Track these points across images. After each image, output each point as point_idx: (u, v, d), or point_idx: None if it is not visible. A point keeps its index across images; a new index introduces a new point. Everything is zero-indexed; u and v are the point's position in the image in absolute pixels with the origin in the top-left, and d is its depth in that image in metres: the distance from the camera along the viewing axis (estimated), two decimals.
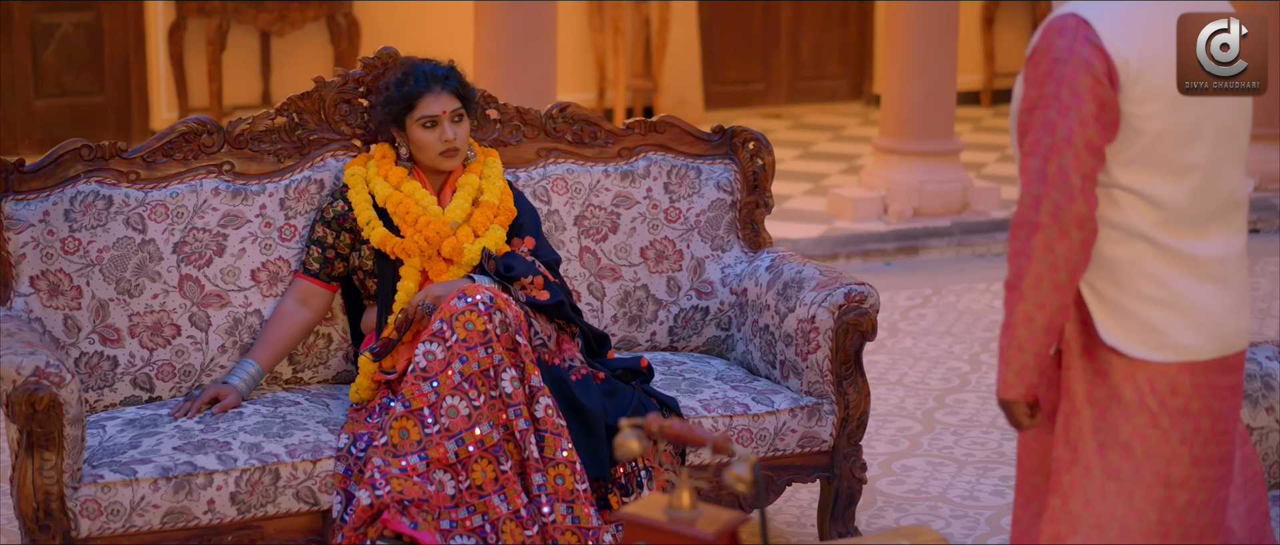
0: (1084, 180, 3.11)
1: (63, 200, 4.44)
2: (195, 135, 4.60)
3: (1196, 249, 3.23)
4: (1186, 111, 3.22)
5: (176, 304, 4.54)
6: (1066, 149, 3.12)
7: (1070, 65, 3.13)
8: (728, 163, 5.05)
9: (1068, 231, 3.12)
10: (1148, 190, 3.19)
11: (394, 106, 4.51)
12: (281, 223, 4.64)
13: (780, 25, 11.87)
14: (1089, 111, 3.11)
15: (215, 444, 4.21)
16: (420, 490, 4.05)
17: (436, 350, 4.15)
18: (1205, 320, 3.22)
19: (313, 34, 10.33)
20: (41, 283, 4.41)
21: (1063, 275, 3.15)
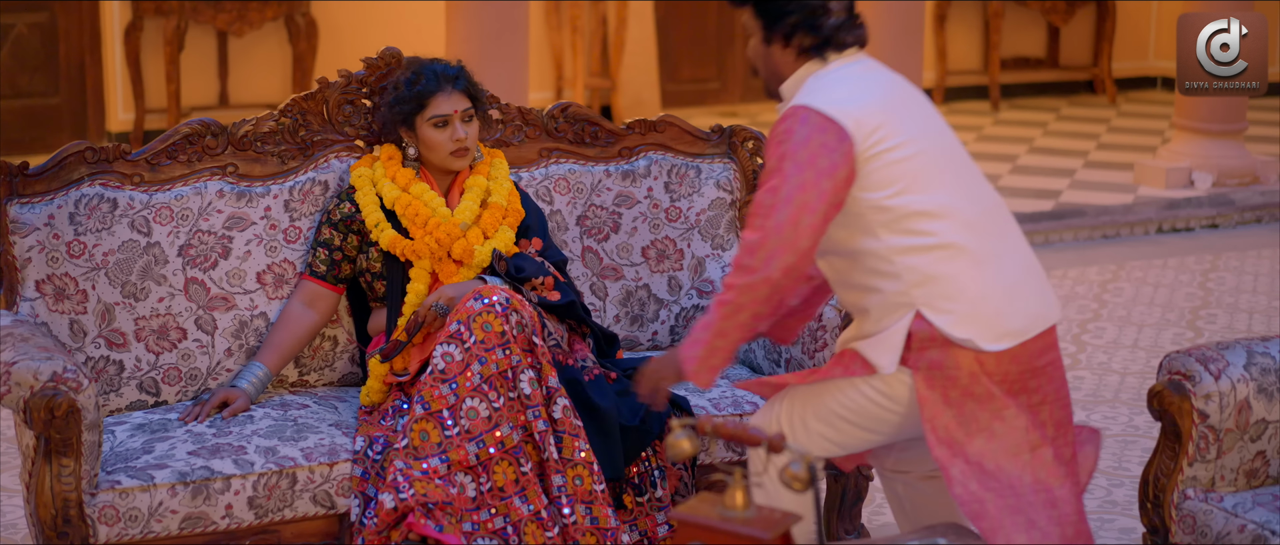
0: (806, 239, 3.63)
1: (67, 203, 4.39)
2: (199, 137, 4.56)
3: (996, 246, 3.73)
4: (927, 132, 3.72)
5: (182, 307, 4.50)
6: (786, 209, 3.62)
7: (803, 143, 3.61)
8: (727, 162, 5.05)
9: (771, 278, 3.66)
10: (934, 207, 3.66)
11: (404, 106, 4.48)
12: (286, 224, 4.60)
13: (735, 24, 11.87)
14: (815, 178, 3.60)
15: (230, 448, 4.18)
16: (443, 493, 4.03)
17: (454, 352, 4.13)
18: (1021, 306, 3.70)
19: (270, 34, 10.26)
20: (47, 287, 4.36)
21: (764, 308, 3.73)
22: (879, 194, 3.66)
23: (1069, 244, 8.89)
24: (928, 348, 3.68)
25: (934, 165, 3.72)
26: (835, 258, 3.82)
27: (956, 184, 3.75)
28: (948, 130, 3.84)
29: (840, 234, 3.74)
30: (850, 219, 3.71)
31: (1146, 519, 4.14)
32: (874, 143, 3.65)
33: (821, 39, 3.78)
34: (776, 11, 3.79)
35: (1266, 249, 8.81)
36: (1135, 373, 6.62)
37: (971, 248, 3.69)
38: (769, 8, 3.81)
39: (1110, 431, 5.93)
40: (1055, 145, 10.97)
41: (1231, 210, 9.38)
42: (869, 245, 3.70)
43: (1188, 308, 7.61)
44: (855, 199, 3.68)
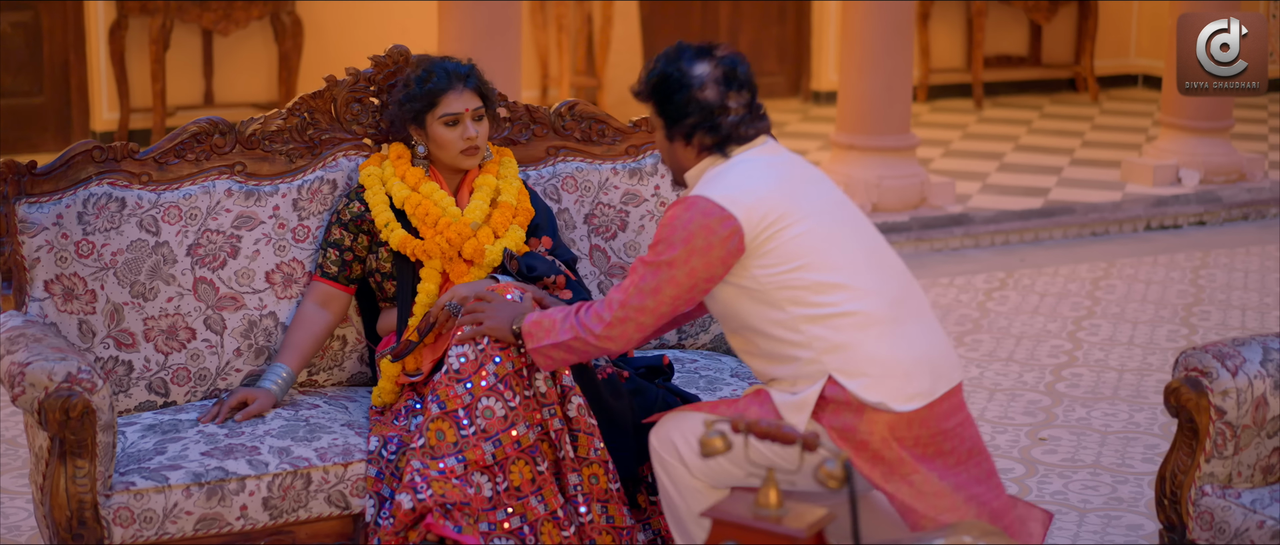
0: (665, 314, 3.87)
1: (76, 203, 4.36)
2: (206, 135, 4.53)
3: (899, 311, 3.84)
4: (826, 208, 3.87)
5: (191, 307, 4.47)
6: (650, 297, 3.84)
7: (684, 226, 3.78)
8: None
9: (609, 345, 3.91)
10: (837, 278, 3.80)
11: (415, 103, 4.46)
12: (294, 224, 4.58)
13: (719, 22, 11.90)
14: (686, 257, 3.79)
15: (243, 449, 4.15)
16: (460, 493, 4.01)
17: (468, 352, 4.10)
18: (927, 367, 3.82)
19: (255, 33, 10.21)
20: (56, 287, 4.33)
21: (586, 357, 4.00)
22: (780, 269, 3.81)
23: (1059, 241, 8.91)
24: (841, 412, 3.79)
25: (833, 239, 3.87)
26: (747, 333, 3.92)
27: (858, 254, 3.89)
28: (848, 204, 4.00)
29: (749, 309, 3.87)
30: (756, 296, 3.84)
31: (1163, 516, 4.14)
32: (769, 225, 3.80)
33: (721, 138, 3.93)
34: (676, 113, 3.94)
35: (1255, 246, 8.84)
36: (1133, 370, 6.63)
37: (877, 314, 3.83)
38: (669, 109, 3.95)
39: (1111, 428, 5.94)
40: (1041, 143, 11.00)
41: (1219, 208, 9.41)
42: (777, 317, 3.83)
43: (1181, 304, 7.63)
44: (757, 278, 3.83)
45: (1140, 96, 12.89)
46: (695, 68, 3.94)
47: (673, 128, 3.96)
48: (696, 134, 3.94)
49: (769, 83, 12.09)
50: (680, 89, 3.93)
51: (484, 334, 4.09)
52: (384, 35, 10.46)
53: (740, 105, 3.94)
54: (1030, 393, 6.32)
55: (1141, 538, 5.00)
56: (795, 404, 3.83)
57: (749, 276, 3.84)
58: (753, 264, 3.83)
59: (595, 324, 3.90)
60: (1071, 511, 5.19)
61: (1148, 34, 13.05)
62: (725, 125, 3.92)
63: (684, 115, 3.94)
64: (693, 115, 3.92)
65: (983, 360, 6.73)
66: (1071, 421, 6.02)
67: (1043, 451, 5.70)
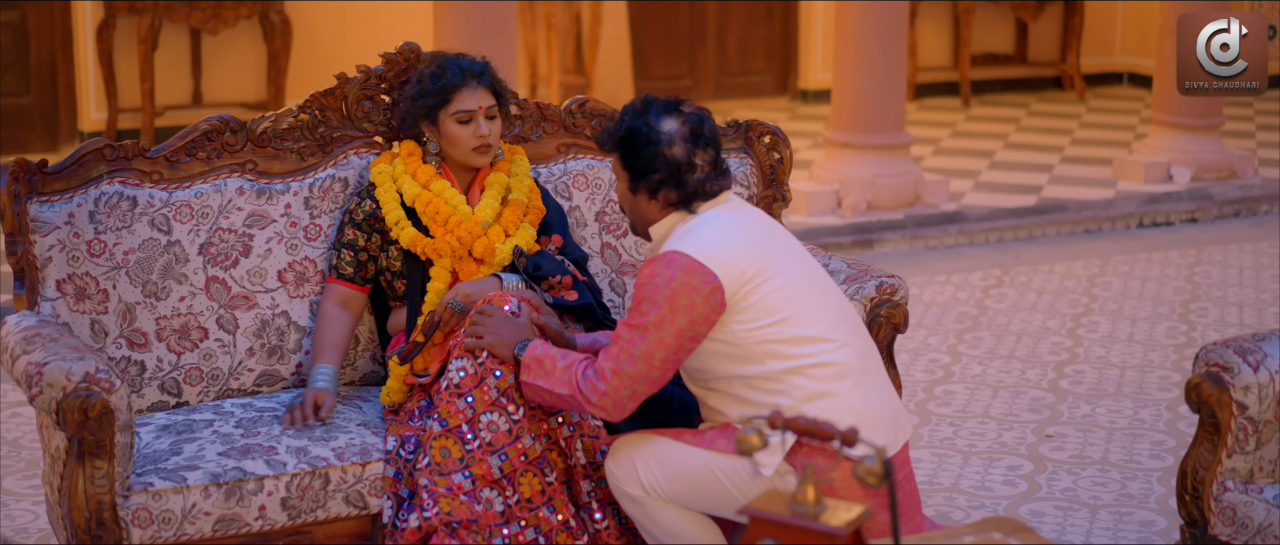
0: (657, 379, 3.86)
1: (87, 202, 4.32)
2: (217, 133, 4.50)
3: (866, 363, 3.94)
4: (794, 263, 3.91)
5: (204, 306, 4.44)
6: (641, 363, 3.81)
7: (666, 284, 3.78)
8: (743, 157, 5.02)
9: (607, 414, 3.89)
10: (813, 331, 3.85)
11: (429, 99, 4.43)
12: (306, 222, 4.54)
13: (707, 21, 11.88)
14: (671, 316, 3.78)
15: (260, 449, 4.12)
16: (468, 510, 3.97)
17: (468, 366, 4.06)
18: (888, 420, 3.92)
19: (244, 32, 10.17)
20: (68, 286, 4.29)
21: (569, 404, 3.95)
22: (761, 324, 3.84)
23: (1052, 239, 8.91)
24: (813, 455, 3.80)
25: (807, 292, 3.92)
26: (722, 384, 3.93)
27: (826, 308, 3.94)
28: (810, 259, 4.05)
29: (724, 366, 3.89)
30: (733, 353, 3.87)
31: (1184, 511, 4.13)
32: (747, 280, 3.82)
33: (687, 194, 3.93)
34: (643, 168, 3.93)
35: (1248, 243, 8.86)
36: (1134, 366, 6.63)
37: (851, 365, 3.90)
38: (635, 163, 3.95)
39: (1117, 425, 5.94)
40: (1030, 141, 11.00)
41: (1210, 205, 9.42)
42: (757, 371, 3.86)
43: (1177, 301, 7.64)
44: (736, 334, 3.84)
45: (1126, 94, 12.91)
46: (663, 124, 3.94)
47: (638, 182, 3.96)
48: (662, 189, 3.94)
49: (757, 81, 12.08)
50: (648, 144, 3.92)
51: (484, 348, 4.06)
52: (373, 35, 10.44)
53: (706, 162, 3.95)
54: (1034, 390, 6.32)
55: (1155, 534, 5.00)
56: (771, 446, 3.82)
57: (728, 332, 3.85)
58: (732, 320, 3.84)
59: (591, 392, 3.87)
60: (1082, 508, 5.19)
61: (1133, 32, 13.07)
62: (691, 182, 3.93)
63: (651, 171, 3.93)
64: (660, 171, 3.92)
65: (984, 357, 6.72)
66: (1077, 418, 6.01)
67: (1050, 449, 5.69)
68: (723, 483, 3.91)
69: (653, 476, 3.95)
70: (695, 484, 3.94)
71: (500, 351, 4.03)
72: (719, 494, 3.93)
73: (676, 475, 3.95)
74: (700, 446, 3.94)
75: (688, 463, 3.94)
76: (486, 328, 4.06)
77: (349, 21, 10.42)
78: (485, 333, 4.05)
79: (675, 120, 3.95)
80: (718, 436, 3.94)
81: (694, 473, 3.93)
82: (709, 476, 3.92)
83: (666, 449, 3.97)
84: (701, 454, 3.93)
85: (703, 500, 3.97)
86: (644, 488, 3.97)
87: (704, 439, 3.95)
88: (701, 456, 3.93)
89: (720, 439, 3.93)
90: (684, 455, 3.95)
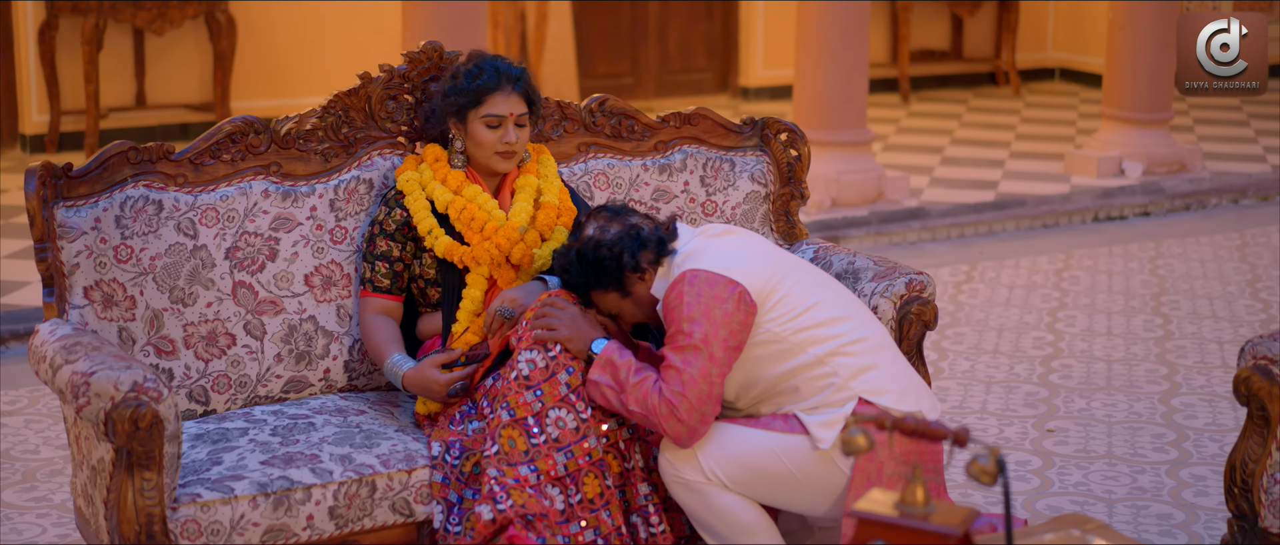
0: (720, 392, 3.89)
1: (113, 206, 4.21)
2: (242, 135, 4.40)
3: (889, 338, 4.07)
4: (793, 260, 4.06)
5: (231, 312, 4.34)
6: (706, 382, 3.85)
7: (696, 299, 3.86)
8: (760, 154, 4.99)
9: (691, 439, 3.91)
10: (838, 312, 3.97)
11: (461, 98, 4.35)
12: (332, 225, 4.46)
13: (648, 20, 11.85)
14: (713, 330, 3.84)
15: (303, 457, 4.03)
16: (538, 504, 3.91)
17: (537, 359, 4.01)
18: (914, 394, 4.01)
19: (189, 32, 9.99)
20: (95, 293, 4.18)
21: None
22: (795, 312, 3.94)
23: (1012, 234, 8.95)
24: (870, 426, 3.76)
25: (817, 281, 4.07)
26: (769, 385, 3.98)
27: (837, 292, 4.10)
28: (793, 254, 4.26)
29: (772, 367, 3.97)
30: (777, 348, 3.95)
31: (1233, 504, 4.14)
32: (767, 279, 3.94)
33: (656, 241, 4.04)
34: (612, 266, 4.01)
35: (1203, 236, 8.94)
36: (1119, 360, 6.67)
37: (881, 338, 4.06)
38: (604, 271, 4.02)
39: (1115, 419, 5.96)
40: (975, 136, 11.06)
41: (1162, 198, 9.51)
42: (800, 361, 3.94)
43: (1147, 295, 7.69)
44: (772, 331, 3.94)
45: (1059, 89, 13.02)
46: (587, 232, 4.07)
47: (621, 279, 4.04)
48: (639, 258, 4.02)
49: (698, 79, 12.06)
50: (595, 248, 4.04)
51: (556, 341, 4.01)
52: (318, 35, 10.32)
53: (641, 218, 4.09)
54: (1026, 385, 6.33)
55: (1174, 526, 5.02)
56: (828, 422, 3.92)
57: (764, 332, 3.95)
58: (765, 319, 3.94)
59: (669, 425, 3.87)
60: (1098, 502, 5.20)
61: (1065, 28, 13.18)
62: (649, 232, 4.05)
63: (618, 260, 4.02)
64: (623, 249, 4.01)
65: (970, 353, 6.73)
66: (1073, 412, 6.03)
67: (1053, 443, 5.70)
68: (783, 461, 3.94)
69: (712, 462, 3.95)
70: (754, 466, 3.95)
71: (574, 346, 4.00)
72: (779, 474, 3.95)
73: (736, 459, 3.95)
74: (757, 428, 3.98)
75: (747, 445, 3.95)
76: (560, 320, 4.02)
77: (291, 21, 10.29)
78: (559, 325, 4.02)
79: (590, 224, 4.10)
80: (774, 419, 3.99)
81: (753, 454, 3.95)
82: (769, 456, 3.94)
83: (726, 433, 3.97)
84: (759, 434, 3.97)
85: (763, 483, 3.97)
86: (704, 474, 3.95)
87: (760, 422, 4.00)
88: (760, 437, 3.96)
89: (776, 421, 3.98)
90: (743, 437, 3.97)
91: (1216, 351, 6.80)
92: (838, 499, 3.96)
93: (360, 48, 10.43)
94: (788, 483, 3.95)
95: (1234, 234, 8.99)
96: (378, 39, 10.44)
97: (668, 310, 3.93)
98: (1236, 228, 9.15)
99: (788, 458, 3.93)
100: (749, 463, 3.95)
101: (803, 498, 3.99)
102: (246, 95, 10.14)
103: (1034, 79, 13.19)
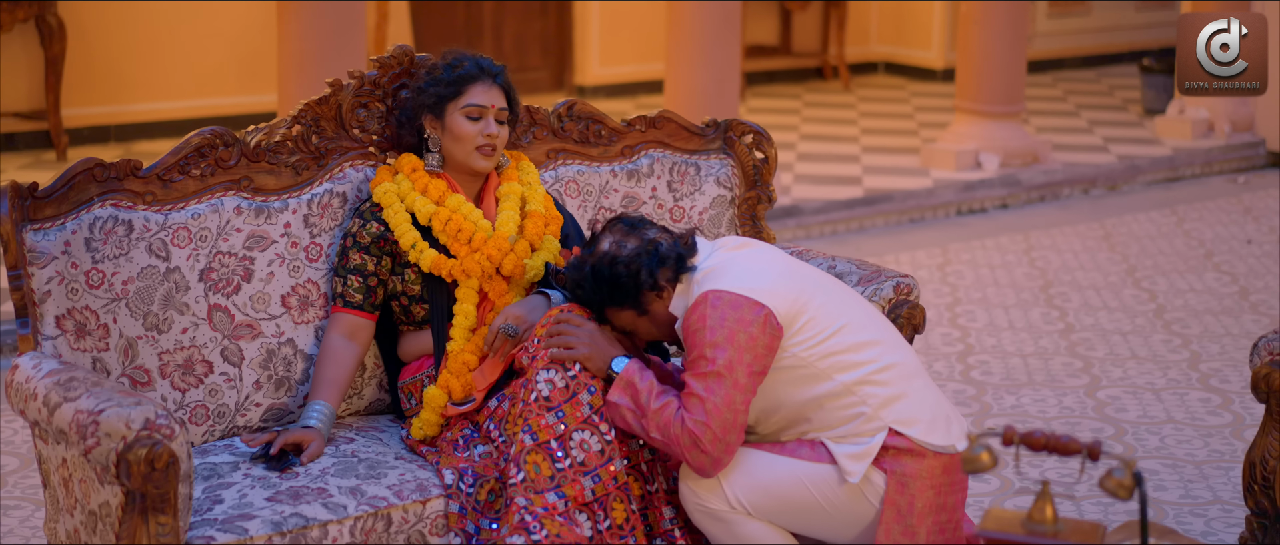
0: (744, 416, 3.71)
1: (82, 227, 3.91)
2: (211, 148, 4.12)
3: (917, 362, 3.89)
4: (819, 278, 3.87)
5: (207, 338, 4.06)
6: (731, 412, 3.67)
7: (719, 324, 3.67)
8: (724, 157, 4.86)
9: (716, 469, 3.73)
10: (866, 336, 3.79)
11: (440, 88, 4.13)
12: (307, 241, 4.20)
13: (483, 19, 11.64)
14: (738, 355, 3.66)
15: (310, 491, 3.78)
16: (572, 533, 3.71)
17: (556, 378, 3.81)
18: (945, 412, 3.84)
19: (19, 36, 9.49)
20: (68, 322, 3.87)
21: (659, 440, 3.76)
22: (821, 336, 3.75)
23: (882, 229, 8.96)
24: (900, 458, 3.76)
25: (844, 300, 3.87)
26: (795, 411, 3.82)
27: (864, 312, 3.90)
28: (816, 267, 4.03)
29: (797, 392, 3.80)
30: (803, 373, 3.78)
31: (1253, 502, 4.12)
32: (792, 301, 3.74)
33: (676, 258, 3.85)
34: (629, 282, 3.82)
35: (1066, 226, 9.05)
36: (1033, 354, 6.68)
37: (911, 364, 3.86)
38: (620, 288, 3.84)
39: (1048, 414, 5.96)
40: (822, 132, 11.06)
41: (1020, 190, 9.60)
42: (827, 388, 3.76)
43: (1034, 287, 7.73)
44: (798, 355, 3.75)
45: (885, 83, 13.11)
46: (601, 246, 3.89)
47: (640, 296, 3.85)
48: (657, 276, 3.83)
49: (533, 78, 11.87)
50: (611, 264, 3.84)
51: (575, 360, 3.82)
52: (151, 37, 9.91)
53: (659, 232, 3.90)
54: (950, 382, 6.30)
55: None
56: (859, 454, 3.76)
57: (789, 356, 3.76)
58: (791, 343, 3.75)
59: (692, 456, 3.69)
60: (1063, 502, 5.16)
61: (889, 22, 13.28)
62: (668, 248, 3.86)
63: (635, 277, 3.83)
64: (641, 266, 3.83)
65: None
66: (1006, 409, 6.01)
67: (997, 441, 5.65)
68: (809, 491, 3.78)
69: (738, 490, 3.78)
70: (781, 494, 3.79)
71: (593, 365, 3.82)
72: (805, 503, 3.79)
73: (762, 487, 3.79)
74: (783, 455, 3.81)
75: (773, 473, 3.79)
76: (578, 338, 3.83)
77: (124, 23, 9.86)
78: (577, 343, 3.82)
79: (605, 237, 3.91)
80: (800, 446, 3.82)
81: (779, 483, 3.78)
82: (796, 485, 3.78)
83: (751, 460, 3.81)
84: (786, 462, 3.80)
85: (789, 512, 3.81)
86: (728, 502, 3.78)
87: (786, 449, 3.82)
88: (787, 465, 3.80)
89: (802, 448, 3.81)
90: (769, 465, 3.80)
91: (1122, 343, 6.85)
92: (865, 529, 3.82)
93: (197, 51, 10.06)
94: (814, 512, 3.80)
95: (1095, 224, 9.11)
96: (214, 42, 10.07)
97: (689, 334, 3.75)
98: (1094, 218, 9.27)
99: (815, 487, 3.78)
100: (775, 491, 3.79)
101: (829, 527, 3.84)
102: (79, 102, 9.70)
103: (860, 73, 13.27)
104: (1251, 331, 7.01)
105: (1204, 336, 6.93)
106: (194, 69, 10.15)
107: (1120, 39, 14.06)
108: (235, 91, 10.27)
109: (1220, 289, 7.71)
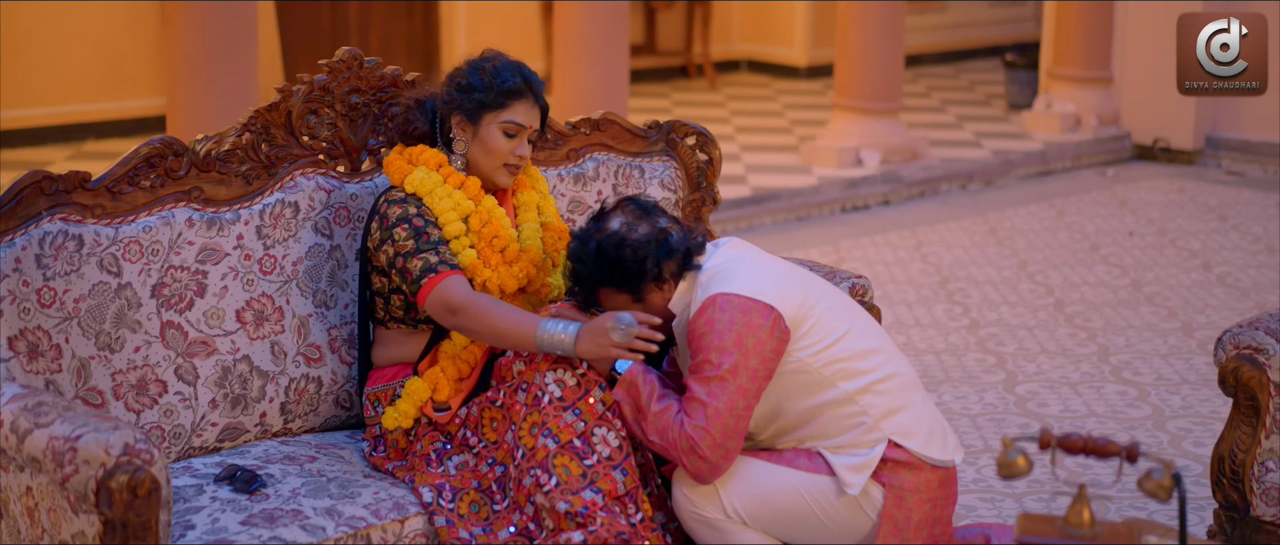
0: (747, 421, 3.66)
1: (31, 243, 3.73)
2: (160, 158, 3.96)
3: (914, 373, 3.85)
4: (822, 284, 3.85)
5: (160, 356, 3.90)
6: (734, 417, 3.62)
7: (728, 328, 3.61)
8: (667, 159, 4.80)
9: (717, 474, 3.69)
10: (867, 345, 3.75)
11: (484, 95, 3.97)
12: (261, 254, 4.05)
13: (349, 20, 11.45)
14: (745, 360, 3.60)
15: (285, 513, 3.65)
16: (620, 524, 3.63)
17: (567, 377, 3.72)
18: (940, 434, 3.80)
19: None
20: (20, 344, 3.69)
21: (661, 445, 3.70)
22: (825, 342, 3.70)
23: (770, 227, 8.94)
24: (898, 471, 3.73)
25: (846, 306, 3.84)
26: (801, 422, 3.77)
27: (864, 319, 3.86)
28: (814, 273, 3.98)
29: (799, 400, 3.74)
30: (806, 379, 3.73)
31: (1222, 495, 4.14)
32: (799, 304, 3.70)
33: (683, 253, 3.78)
34: (634, 268, 3.74)
35: (950, 221, 9.11)
36: (946, 351, 6.70)
37: (910, 374, 3.82)
38: (623, 271, 3.76)
39: (972, 412, 5.97)
40: None
41: (901, 187, 9.66)
42: (829, 396, 3.72)
43: (933, 284, 7.77)
44: (802, 360, 3.70)
45: (749, 81, 13.13)
46: (610, 224, 3.80)
47: (641, 283, 3.76)
48: (663, 267, 3.76)
49: None
50: (619, 246, 3.75)
51: (579, 356, 3.73)
52: (26, 40, 9.59)
53: (670, 222, 3.82)
54: None
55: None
56: (858, 466, 3.71)
57: (793, 361, 3.70)
58: (796, 348, 3.70)
59: (690, 461, 3.64)
60: (1007, 499, 5.17)
61: (751, 20, 13.31)
62: (677, 240, 3.78)
63: (640, 263, 3.74)
64: (648, 253, 3.75)
65: None
66: (947, 403, 6.01)
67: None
68: (807, 501, 3.72)
69: (734, 499, 3.73)
70: (778, 504, 3.73)
71: (595, 359, 3.73)
72: (802, 513, 3.74)
73: (759, 496, 3.73)
74: (781, 465, 3.75)
75: (771, 482, 3.73)
76: (599, 351, 3.74)
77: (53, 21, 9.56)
78: (596, 352, 3.74)
79: (615, 216, 3.81)
80: (798, 456, 3.76)
81: (777, 492, 3.73)
82: (794, 495, 3.73)
83: (748, 468, 3.75)
84: (783, 471, 3.74)
85: (785, 522, 3.75)
86: (725, 511, 3.72)
87: (783, 458, 3.76)
88: (784, 475, 3.74)
89: (800, 458, 3.75)
90: (766, 474, 3.74)
91: (1029, 338, 6.90)
92: (862, 540, 3.78)
93: (60, 56, 9.77)
94: (811, 523, 3.75)
95: (978, 219, 9.18)
96: (76, 47, 9.79)
97: (695, 337, 3.67)
98: (976, 213, 9.35)
99: (812, 498, 3.72)
100: (773, 501, 3.73)
101: (825, 537, 3.79)
102: (11, 103, 9.39)
103: (723, 71, 13.28)
104: (1151, 324, 7.10)
105: (1108, 329, 7.01)
106: (55, 75, 9.85)
107: (977, 35, 14.24)
108: (98, 98, 10.00)
109: (1112, 282, 7.81)
